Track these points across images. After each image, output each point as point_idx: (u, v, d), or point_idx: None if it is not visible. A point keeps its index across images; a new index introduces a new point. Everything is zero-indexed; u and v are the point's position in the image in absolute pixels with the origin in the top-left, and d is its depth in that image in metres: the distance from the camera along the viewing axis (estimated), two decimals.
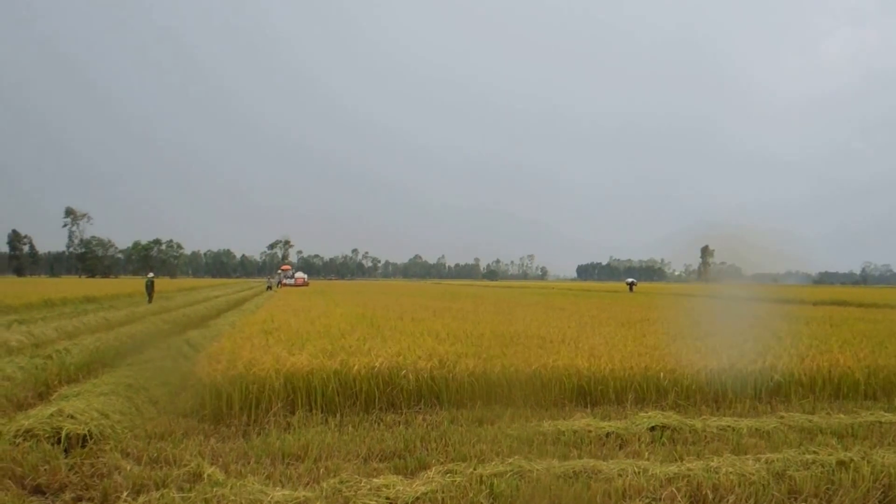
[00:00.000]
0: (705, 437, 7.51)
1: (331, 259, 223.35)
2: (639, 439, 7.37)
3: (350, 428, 7.89)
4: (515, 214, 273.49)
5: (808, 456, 6.37)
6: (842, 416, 8.51)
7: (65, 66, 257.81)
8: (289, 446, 6.99)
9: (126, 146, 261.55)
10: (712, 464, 6.11)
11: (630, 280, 59.67)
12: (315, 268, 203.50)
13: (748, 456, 6.44)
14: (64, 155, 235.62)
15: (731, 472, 5.87)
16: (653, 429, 7.65)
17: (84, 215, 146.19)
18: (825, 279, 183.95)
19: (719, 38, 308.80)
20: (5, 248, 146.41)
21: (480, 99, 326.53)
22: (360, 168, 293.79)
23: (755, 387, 9.58)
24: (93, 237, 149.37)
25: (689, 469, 5.99)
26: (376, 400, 8.90)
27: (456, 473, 5.92)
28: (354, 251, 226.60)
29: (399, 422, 8.24)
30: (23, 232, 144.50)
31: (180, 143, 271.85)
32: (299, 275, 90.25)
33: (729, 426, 7.79)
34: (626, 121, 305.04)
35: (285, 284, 79.09)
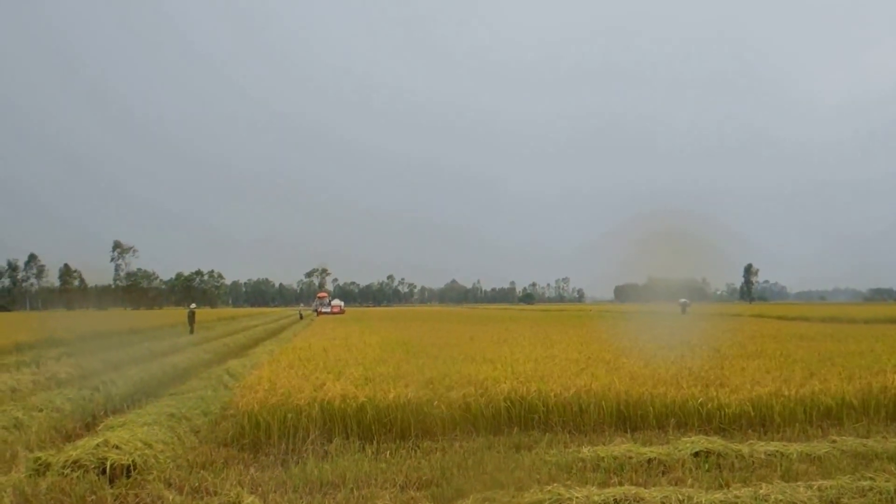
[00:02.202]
0: (752, 462, 7.25)
1: (367, 286, 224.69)
2: (682, 465, 7.17)
3: (387, 455, 7.86)
4: (550, 233, 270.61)
5: (863, 483, 6.10)
6: None
7: (110, 106, 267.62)
8: (326, 475, 6.99)
9: (168, 181, 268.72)
10: (761, 491, 5.90)
11: (683, 300, 54.93)
12: (351, 295, 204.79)
13: (799, 483, 6.20)
14: (111, 191, 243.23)
15: (780, 500, 5.67)
16: (697, 454, 7.42)
17: (130, 248, 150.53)
18: (876, 296, 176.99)
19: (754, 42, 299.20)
20: (57, 282, 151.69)
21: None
22: (393, 193, 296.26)
23: (805, 410, 9.23)
24: (138, 269, 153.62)
25: (736, 496, 5.80)
26: (412, 427, 8.85)
27: (494, 502, 5.85)
28: (390, 277, 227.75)
29: (435, 449, 8.18)
30: (73, 266, 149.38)
31: (218, 174, 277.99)
32: (336, 302, 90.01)
33: (777, 451, 7.50)
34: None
35: (322, 312, 78.49)
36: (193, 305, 36.37)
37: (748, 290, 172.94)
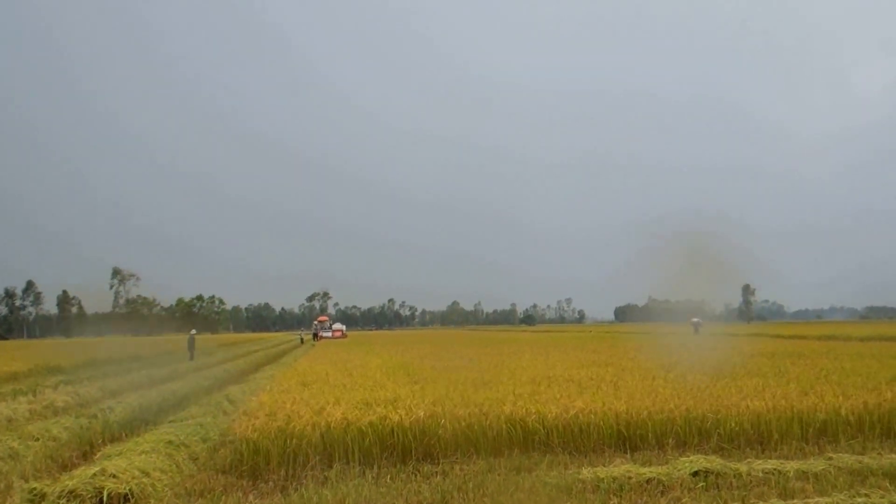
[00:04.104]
0: (750, 481, 7.28)
1: (368, 309, 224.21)
2: (681, 485, 7.18)
3: (387, 480, 7.86)
4: (551, 256, 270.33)
5: (858, 499, 6.15)
6: (894, 456, 8.14)
7: (112, 131, 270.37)
8: (326, 501, 6.99)
9: (170, 202, 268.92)
10: None
11: (695, 320, 53.32)
12: (353, 319, 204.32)
13: (796, 500, 6.26)
14: (111, 214, 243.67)
15: None
16: (695, 473, 7.44)
17: (131, 276, 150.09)
18: (872, 314, 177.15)
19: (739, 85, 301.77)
20: (55, 310, 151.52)
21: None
22: (394, 217, 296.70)
23: (801, 427, 9.27)
24: (138, 296, 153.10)
25: None
26: (413, 451, 8.86)
27: None
28: (391, 300, 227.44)
29: (436, 472, 8.18)
30: (72, 293, 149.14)
31: (222, 200, 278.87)
32: (337, 326, 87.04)
33: (775, 469, 7.54)
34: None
35: (323, 337, 73.92)
36: (194, 331, 36.21)
37: (747, 310, 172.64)
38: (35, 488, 7.09)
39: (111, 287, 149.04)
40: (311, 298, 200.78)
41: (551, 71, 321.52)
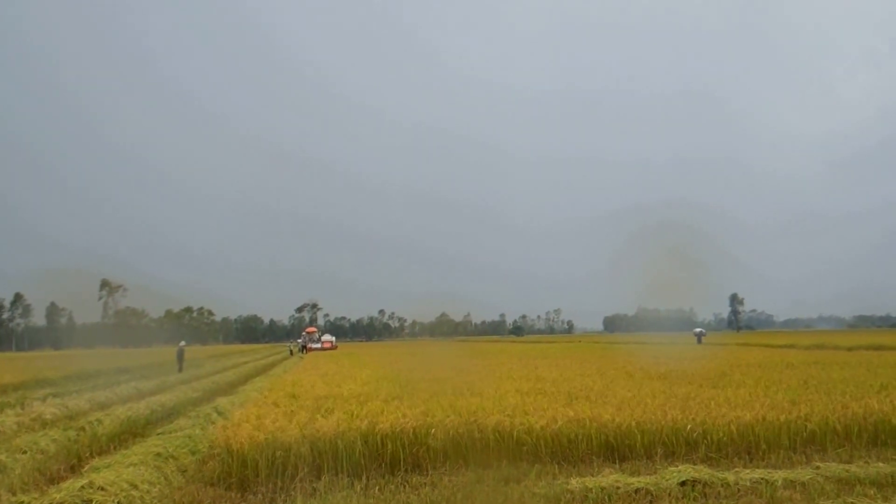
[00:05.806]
0: (738, 490, 7.33)
1: (357, 320, 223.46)
2: (669, 494, 7.22)
3: (376, 491, 7.85)
4: (541, 266, 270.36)
5: None
6: (880, 464, 8.22)
7: (95, 132, 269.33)
8: None
9: (160, 209, 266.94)
10: None
11: (698, 330, 54.15)
12: (342, 330, 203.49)
13: None
14: (102, 228, 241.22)
15: None
16: (683, 483, 7.48)
17: (119, 287, 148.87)
18: (860, 322, 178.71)
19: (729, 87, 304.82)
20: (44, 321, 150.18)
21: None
22: (385, 230, 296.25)
23: (789, 436, 9.33)
24: (126, 307, 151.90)
25: None
26: (402, 462, 8.86)
27: None
28: (381, 312, 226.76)
29: (425, 483, 8.18)
30: (60, 305, 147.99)
31: (212, 211, 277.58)
32: (326, 337, 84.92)
33: (763, 478, 7.58)
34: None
35: (312, 349, 71.80)
36: (183, 343, 35.98)
37: (735, 319, 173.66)
38: (23, 501, 7.05)
39: (100, 298, 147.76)
40: (300, 309, 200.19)
41: (535, 66, 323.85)
